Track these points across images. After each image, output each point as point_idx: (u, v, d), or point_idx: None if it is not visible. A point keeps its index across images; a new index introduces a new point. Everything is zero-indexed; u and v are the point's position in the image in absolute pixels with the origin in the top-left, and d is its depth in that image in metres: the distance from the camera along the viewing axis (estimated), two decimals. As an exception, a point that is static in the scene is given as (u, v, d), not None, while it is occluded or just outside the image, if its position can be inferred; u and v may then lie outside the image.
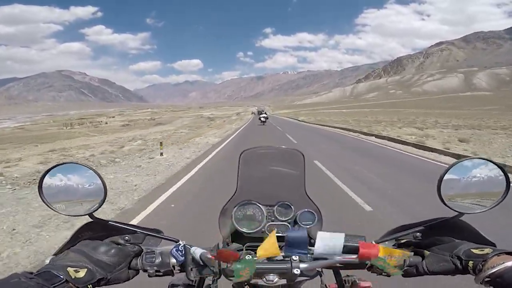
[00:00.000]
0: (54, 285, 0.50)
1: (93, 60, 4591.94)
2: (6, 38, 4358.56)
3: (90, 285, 0.57)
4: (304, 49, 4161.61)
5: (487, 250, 0.56)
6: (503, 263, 0.50)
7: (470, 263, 0.56)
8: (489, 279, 0.51)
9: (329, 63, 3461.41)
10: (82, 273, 0.56)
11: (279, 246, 0.67)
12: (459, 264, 0.58)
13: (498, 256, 0.53)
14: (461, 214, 0.63)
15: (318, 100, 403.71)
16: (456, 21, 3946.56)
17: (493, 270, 0.50)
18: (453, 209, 0.63)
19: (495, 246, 0.62)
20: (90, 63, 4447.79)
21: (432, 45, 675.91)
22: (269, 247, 0.66)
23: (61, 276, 0.52)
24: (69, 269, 0.55)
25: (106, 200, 0.65)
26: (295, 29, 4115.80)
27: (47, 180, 0.65)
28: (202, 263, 0.64)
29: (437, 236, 0.67)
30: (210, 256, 0.63)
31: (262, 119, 30.22)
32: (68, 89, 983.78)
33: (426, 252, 0.65)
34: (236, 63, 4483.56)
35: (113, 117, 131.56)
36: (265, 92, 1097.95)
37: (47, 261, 0.59)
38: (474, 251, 0.57)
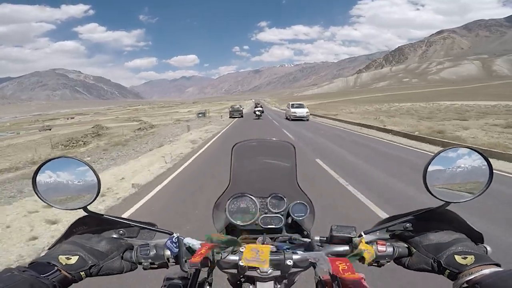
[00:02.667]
0: (46, 275, 0.49)
1: (88, 58, 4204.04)
2: None
3: (83, 272, 0.56)
4: (300, 41, 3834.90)
5: (469, 259, 0.55)
6: (481, 270, 0.50)
7: (447, 272, 0.56)
8: (466, 285, 0.50)
9: (326, 55, 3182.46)
10: (73, 260, 0.55)
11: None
12: (437, 270, 0.59)
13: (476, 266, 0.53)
14: (448, 203, 0.63)
15: (319, 91, 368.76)
16: (451, 10, 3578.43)
17: (470, 277, 0.50)
18: (439, 199, 0.62)
19: (481, 236, 0.62)
20: (85, 61, 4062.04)
21: (432, 34, 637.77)
22: (258, 259, 0.62)
23: (53, 266, 0.52)
24: (60, 257, 0.55)
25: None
26: (290, 22, 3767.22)
27: (41, 174, 0.63)
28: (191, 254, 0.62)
29: (428, 226, 0.66)
30: (198, 246, 0.61)
31: (257, 112, 26.22)
32: (62, 87, 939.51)
33: (413, 249, 0.65)
34: (232, 57, 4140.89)
35: (73, 118, 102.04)
36: (262, 86, 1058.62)
37: (42, 255, 0.57)
38: (457, 258, 0.56)
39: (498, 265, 0.53)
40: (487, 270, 0.50)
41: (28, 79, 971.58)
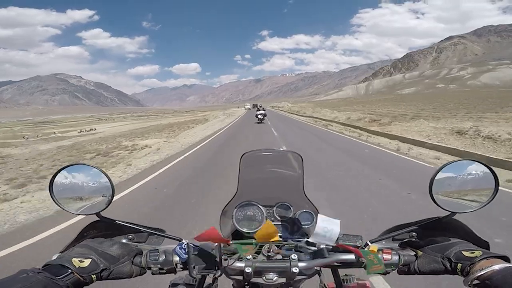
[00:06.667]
0: (60, 277, 0.49)
1: (91, 64, 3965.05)
2: (4, 41, 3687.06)
3: (94, 275, 0.55)
4: (301, 51, 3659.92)
5: (477, 253, 0.54)
6: (491, 265, 0.49)
7: (459, 266, 0.54)
8: (477, 281, 0.49)
9: (326, 65, 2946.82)
10: (86, 263, 0.55)
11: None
12: (448, 266, 0.56)
13: (487, 259, 0.51)
14: (453, 213, 0.61)
15: (328, 98, 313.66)
16: (452, 18, 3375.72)
17: (481, 273, 0.49)
18: (444, 209, 0.61)
19: (488, 244, 0.61)
20: (88, 67, 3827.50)
21: (442, 40, 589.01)
22: (266, 231, 0.63)
23: (67, 269, 0.52)
24: (74, 259, 0.54)
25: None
26: (291, 31, 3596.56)
27: (58, 180, 0.63)
28: (202, 259, 0.61)
29: (433, 235, 0.65)
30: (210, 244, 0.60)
31: (259, 116, 23.22)
32: (62, 92, 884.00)
33: (419, 252, 0.63)
34: (234, 66, 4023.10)
35: None
36: (263, 95, 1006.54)
37: (54, 257, 0.57)
38: (465, 253, 0.55)
39: (506, 257, 0.52)
40: (497, 266, 0.48)
41: (28, 83, 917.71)
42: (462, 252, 0.55)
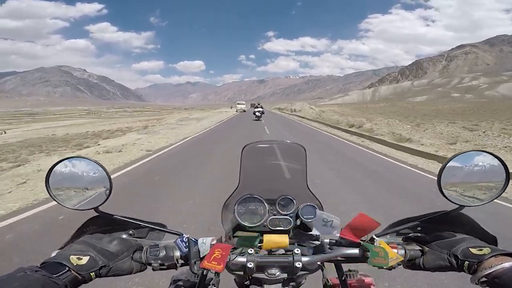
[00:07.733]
0: (57, 275, 0.48)
1: (97, 57, 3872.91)
2: (13, 32, 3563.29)
3: (93, 273, 0.54)
4: (306, 53, 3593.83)
5: (486, 250, 0.52)
6: (501, 263, 0.47)
7: (466, 263, 0.52)
8: (485, 279, 0.47)
9: (331, 69, 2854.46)
10: (84, 260, 0.54)
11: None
12: (455, 263, 0.54)
13: (496, 257, 0.49)
14: (461, 207, 0.59)
15: (333, 102, 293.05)
16: (462, 27, 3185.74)
17: (490, 271, 0.47)
18: (453, 202, 0.59)
19: (495, 239, 0.59)
20: (94, 60, 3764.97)
21: (453, 48, 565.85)
22: (278, 241, 0.61)
23: (65, 266, 0.51)
24: (71, 257, 0.53)
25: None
26: (298, 33, 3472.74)
27: (54, 174, 0.61)
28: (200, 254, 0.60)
29: (439, 230, 0.63)
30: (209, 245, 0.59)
31: (257, 113, 23.66)
32: (64, 84, 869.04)
33: (426, 248, 0.61)
34: (238, 66, 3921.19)
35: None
36: (266, 96, 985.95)
37: (53, 254, 0.56)
38: (472, 250, 0.53)
39: None
40: (507, 264, 0.46)
41: (31, 74, 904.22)
42: (470, 249, 0.53)
